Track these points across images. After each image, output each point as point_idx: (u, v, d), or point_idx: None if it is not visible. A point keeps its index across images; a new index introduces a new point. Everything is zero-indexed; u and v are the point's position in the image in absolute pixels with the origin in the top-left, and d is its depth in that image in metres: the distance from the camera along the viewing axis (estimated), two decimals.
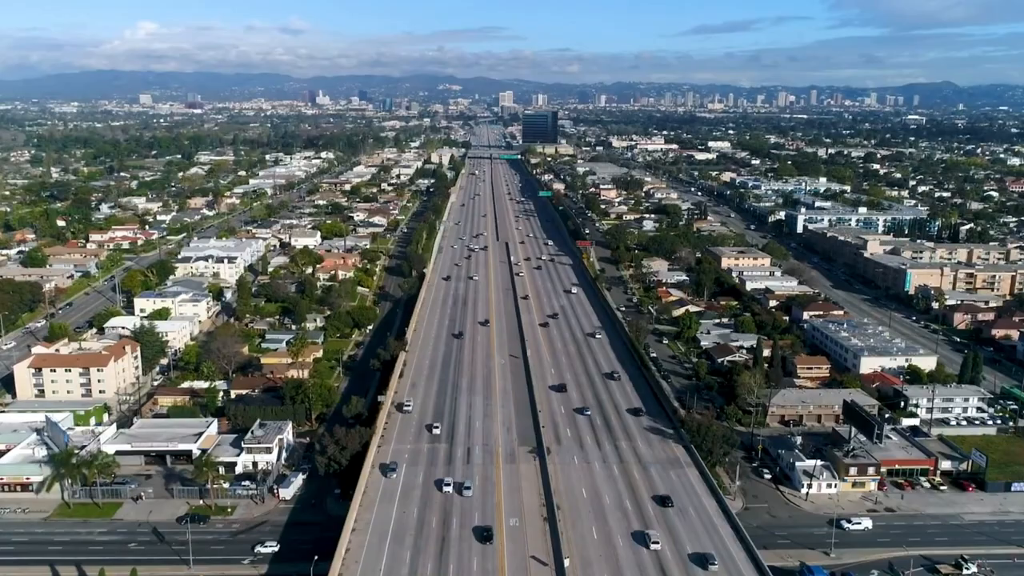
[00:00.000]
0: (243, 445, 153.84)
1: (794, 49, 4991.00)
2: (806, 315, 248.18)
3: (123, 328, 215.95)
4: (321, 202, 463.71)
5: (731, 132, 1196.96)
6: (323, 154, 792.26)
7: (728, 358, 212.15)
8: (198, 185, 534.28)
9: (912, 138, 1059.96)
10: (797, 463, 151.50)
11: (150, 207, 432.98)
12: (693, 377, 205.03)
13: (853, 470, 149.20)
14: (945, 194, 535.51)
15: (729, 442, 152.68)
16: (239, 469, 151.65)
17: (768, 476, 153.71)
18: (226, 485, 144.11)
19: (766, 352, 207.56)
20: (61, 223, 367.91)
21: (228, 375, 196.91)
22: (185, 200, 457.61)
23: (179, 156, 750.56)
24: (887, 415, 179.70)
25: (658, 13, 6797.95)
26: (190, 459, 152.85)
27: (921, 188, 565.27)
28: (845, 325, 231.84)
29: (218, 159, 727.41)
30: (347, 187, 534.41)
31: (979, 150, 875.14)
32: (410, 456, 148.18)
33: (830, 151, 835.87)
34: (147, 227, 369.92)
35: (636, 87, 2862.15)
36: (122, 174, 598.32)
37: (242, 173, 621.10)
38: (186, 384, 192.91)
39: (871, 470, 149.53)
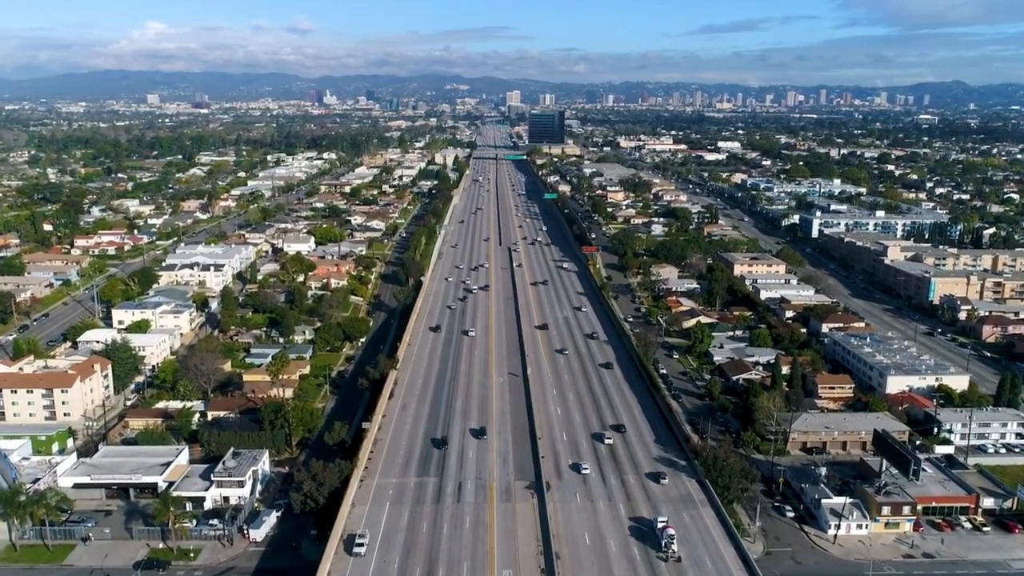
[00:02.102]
0: (213, 478, 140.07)
1: (802, 49, 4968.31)
2: (825, 327, 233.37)
3: (97, 342, 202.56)
4: (319, 205, 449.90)
5: (740, 132, 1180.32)
6: (326, 155, 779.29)
7: (743, 376, 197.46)
8: (196, 186, 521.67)
9: (925, 138, 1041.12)
10: (823, 500, 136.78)
11: (142, 210, 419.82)
12: (706, 397, 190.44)
13: (886, 509, 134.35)
14: (964, 196, 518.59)
15: (748, 477, 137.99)
16: (208, 504, 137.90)
17: (791, 514, 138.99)
18: (192, 524, 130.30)
19: (784, 369, 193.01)
20: (48, 227, 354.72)
21: (207, 394, 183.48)
22: (179, 203, 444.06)
23: (180, 157, 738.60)
24: (918, 442, 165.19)
25: (664, 13, 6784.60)
26: (156, 492, 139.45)
27: (939, 190, 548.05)
28: (868, 340, 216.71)
29: (219, 160, 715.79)
30: (347, 189, 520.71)
31: (995, 150, 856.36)
32: None
33: (843, 151, 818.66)
34: (136, 231, 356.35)
35: (644, 87, 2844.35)
36: (119, 175, 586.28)
37: (242, 174, 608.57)
38: (161, 404, 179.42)
39: (906, 509, 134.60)
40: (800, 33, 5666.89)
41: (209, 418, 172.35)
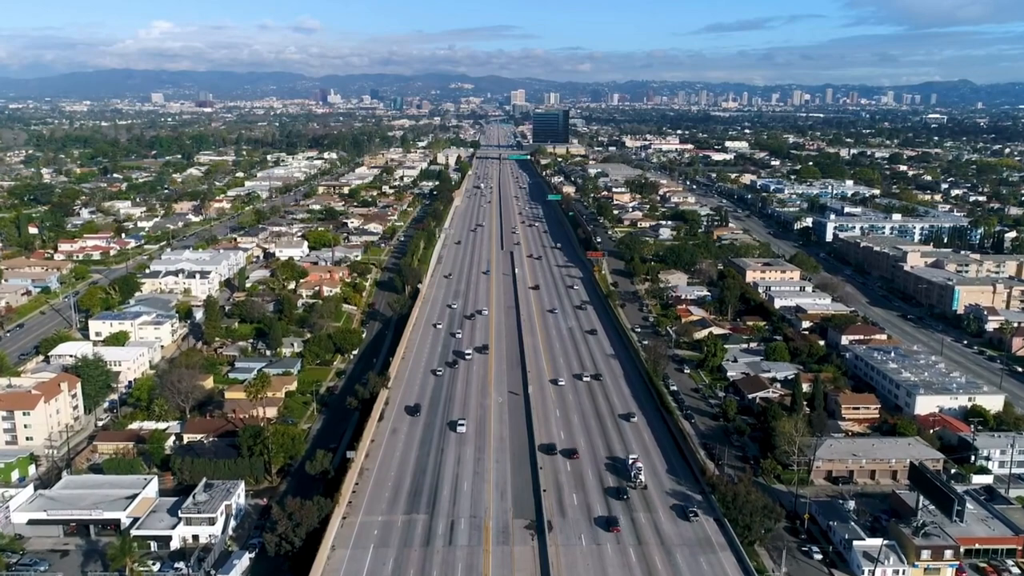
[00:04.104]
0: (180, 514, 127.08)
1: (808, 47, 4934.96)
2: (845, 339, 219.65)
3: (71, 356, 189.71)
4: (316, 207, 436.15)
5: (747, 131, 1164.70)
6: (326, 154, 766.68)
7: (760, 394, 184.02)
8: (192, 187, 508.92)
9: (936, 137, 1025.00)
10: (855, 541, 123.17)
11: (133, 212, 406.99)
12: (721, 417, 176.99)
13: (925, 553, 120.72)
14: (980, 198, 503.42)
15: (772, 515, 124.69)
16: (175, 544, 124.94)
17: (819, 556, 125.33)
18: (156, 567, 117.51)
19: (804, 386, 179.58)
20: (33, 230, 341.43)
21: (184, 414, 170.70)
22: (171, 205, 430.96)
23: (179, 156, 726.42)
24: (953, 471, 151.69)
25: (670, 12, 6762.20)
26: (119, 529, 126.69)
27: (954, 191, 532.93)
28: (893, 354, 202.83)
29: (218, 159, 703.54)
30: (346, 190, 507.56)
31: (1007, 150, 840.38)
32: None
33: (852, 151, 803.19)
34: (123, 235, 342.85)
35: (649, 85, 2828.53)
36: (115, 175, 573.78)
37: (240, 174, 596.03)
38: (135, 425, 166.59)
39: (948, 553, 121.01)
40: (806, 32, 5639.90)
41: (185, 441, 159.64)
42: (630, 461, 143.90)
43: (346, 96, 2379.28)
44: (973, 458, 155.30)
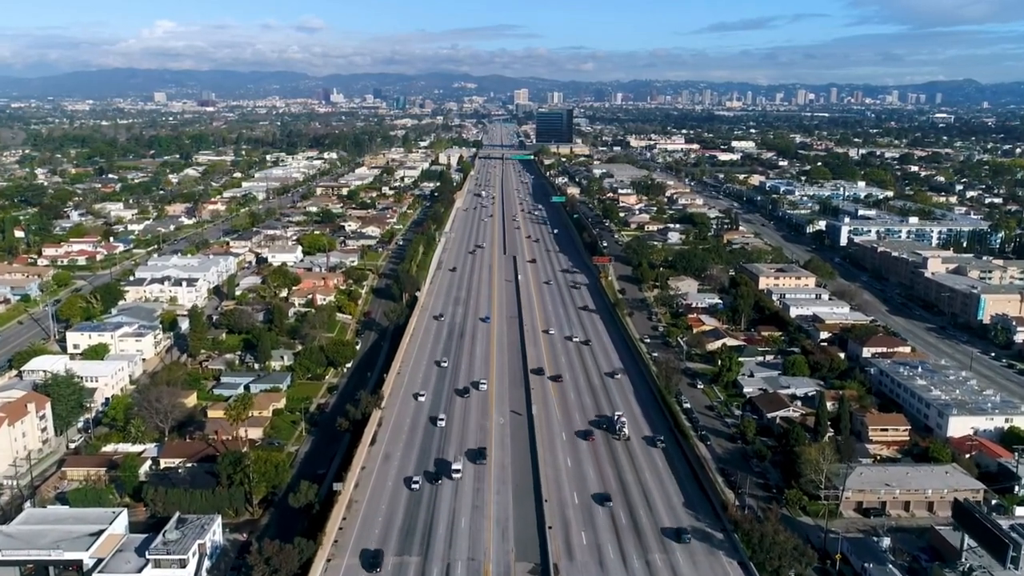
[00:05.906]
0: (148, 556, 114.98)
1: (811, 47, 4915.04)
2: (866, 352, 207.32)
3: (45, 371, 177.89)
4: (313, 209, 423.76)
5: (752, 131, 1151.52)
6: (326, 154, 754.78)
7: (780, 413, 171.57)
8: (187, 188, 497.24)
9: (944, 137, 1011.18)
10: None
11: (124, 215, 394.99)
12: (738, 439, 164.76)
13: None
14: (996, 200, 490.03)
15: (803, 558, 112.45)
16: None
17: None
18: None
19: (829, 405, 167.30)
20: (19, 234, 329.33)
21: (164, 436, 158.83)
22: (164, 207, 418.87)
23: (178, 156, 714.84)
24: (994, 502, 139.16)
25: (672, 11, 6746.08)
26: (81, 572, 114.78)
27: (969, 193, 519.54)
28: (920, 369, 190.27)
29: (217, 159, 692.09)
30: (345, 191, 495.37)
31: (1018, 150, 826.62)
32: None
33: (862, 151, 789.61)
34: (111, 239, 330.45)
35: (652, 85, 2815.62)
36: (110, 176, 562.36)
37: (238, 175, 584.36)
38: (109, 448, 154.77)
39: None
40: (810, 31, 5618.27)
41: (162, 466, 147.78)
42: (615, 416, 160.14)
43: (349, 95, 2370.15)
44: (1016, 488, 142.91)
